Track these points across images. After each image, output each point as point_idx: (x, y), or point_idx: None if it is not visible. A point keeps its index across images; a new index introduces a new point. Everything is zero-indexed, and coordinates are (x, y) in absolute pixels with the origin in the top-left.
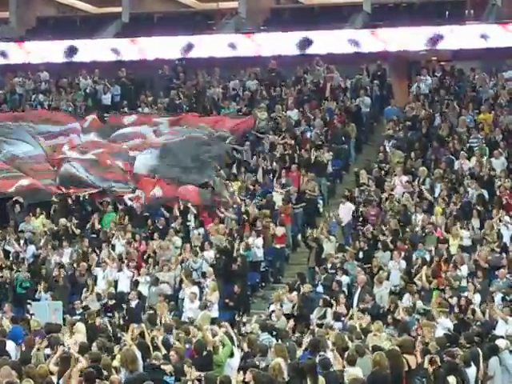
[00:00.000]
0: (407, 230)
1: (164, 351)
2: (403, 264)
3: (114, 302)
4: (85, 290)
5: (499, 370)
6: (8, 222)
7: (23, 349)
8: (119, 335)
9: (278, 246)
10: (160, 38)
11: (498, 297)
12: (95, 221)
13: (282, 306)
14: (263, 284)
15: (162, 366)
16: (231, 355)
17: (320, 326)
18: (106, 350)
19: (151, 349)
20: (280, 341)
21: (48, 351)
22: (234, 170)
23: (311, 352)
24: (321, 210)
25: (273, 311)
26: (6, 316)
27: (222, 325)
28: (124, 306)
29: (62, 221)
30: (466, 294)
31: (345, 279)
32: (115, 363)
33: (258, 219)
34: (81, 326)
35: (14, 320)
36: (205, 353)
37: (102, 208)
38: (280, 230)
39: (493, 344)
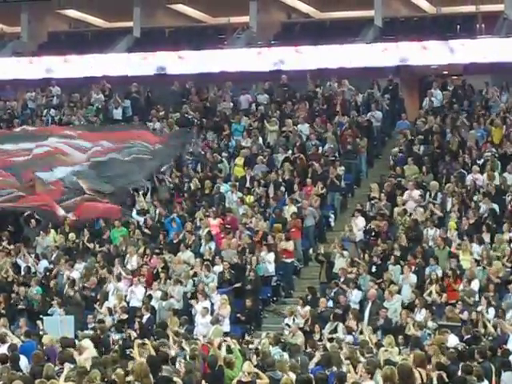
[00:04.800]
0: (423, 244)
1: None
2: (414, 278)
3: (126, 316)
4: (97, 305)
5: None
6: (21, 236)
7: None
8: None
9: (287, 261)
10: (171, 52)
11: (510, 312)
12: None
13: (294, 320)
14: (275, 298)
15: (175, 379)
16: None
17: (330, 340)
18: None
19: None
20: (291, 355)
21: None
22: (248, 185)
23: (323, 366)
24: (332, 224)
25: (287, 325)
26: (21, 331)
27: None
28: (136, 320)
29: (71, 236)
30: (479, 308)
31: (357, 294)
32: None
33: (270, 234)
34: (87, 343)
35: (27, 334)
36: (217, 368)
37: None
38: (289, 244)
39: (506, 359)
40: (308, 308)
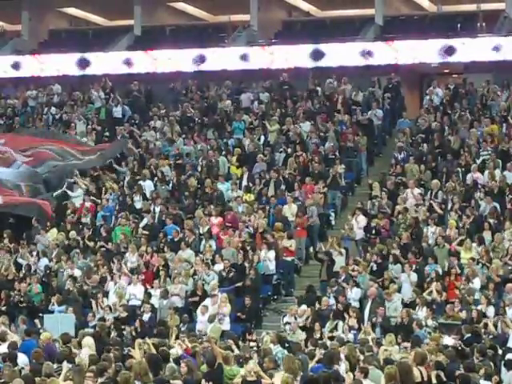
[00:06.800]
0: (423, 243)
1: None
2: (414, 277)
3: (126, 314)
4: (94, 302)
5: None
6: (22, 235)
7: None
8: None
9: (288, 259)
10: (172, 50)
11: (511, 310)
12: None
13: (295, 318)
14: (275, 297)
15: (172, 381)
16: None
17: (331, 338)
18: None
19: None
20: (292, 353)
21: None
22: (245, 183)
23: (325, 365)
24: (333, 222)
25: (287, 323)
26: (20, 329)
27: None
28: (136, 319)
29: (72, 234)
30: (479, 306)
31: (356, 292)
32: None
33: (269, 232)
34: (89, 340)
35: (27, 333)
36: (216, 365)
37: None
38: (290, 243)
39: (509, 359)
40: (305, 306)
